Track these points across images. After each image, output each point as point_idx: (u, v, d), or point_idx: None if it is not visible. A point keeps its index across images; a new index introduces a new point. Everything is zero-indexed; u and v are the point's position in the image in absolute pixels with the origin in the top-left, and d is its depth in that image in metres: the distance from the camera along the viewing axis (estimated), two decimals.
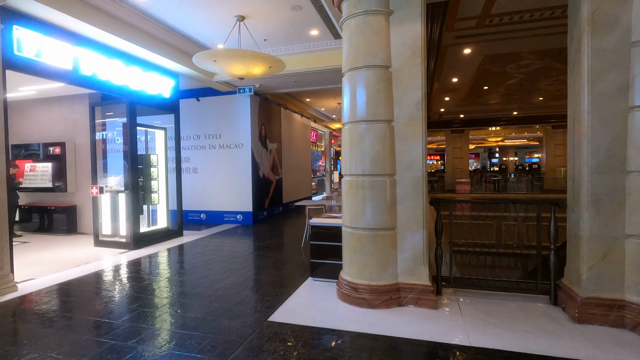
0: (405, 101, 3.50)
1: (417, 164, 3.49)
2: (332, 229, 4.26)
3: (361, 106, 3.55)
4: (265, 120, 9.83)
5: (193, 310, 3.50)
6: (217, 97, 9.11)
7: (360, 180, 3.57)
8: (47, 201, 8.08)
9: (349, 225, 3.67)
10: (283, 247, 6.42)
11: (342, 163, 3.89)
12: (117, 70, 5.78)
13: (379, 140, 3.50)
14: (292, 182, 11.82)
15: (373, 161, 3.51)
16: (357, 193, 3.58)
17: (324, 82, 8.29)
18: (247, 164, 8.97)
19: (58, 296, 3.96)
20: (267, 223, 9.10)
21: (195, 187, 9.34)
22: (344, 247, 3.78)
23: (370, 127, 3.52)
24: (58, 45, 4.85)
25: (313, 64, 7.09)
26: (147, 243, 6.52)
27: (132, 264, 5.26)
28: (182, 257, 5.77)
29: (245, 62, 5.17)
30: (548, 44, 6.93)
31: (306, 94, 11.35)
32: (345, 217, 3.74)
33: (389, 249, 3.53)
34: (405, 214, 3.54)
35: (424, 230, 3.50)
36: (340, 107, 13.32)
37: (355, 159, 3.60)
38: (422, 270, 3.50)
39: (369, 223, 3.52)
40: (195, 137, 9.37)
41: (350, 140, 3.65)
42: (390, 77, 3.53)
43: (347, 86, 3.70)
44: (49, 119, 7.98)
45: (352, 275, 3.63)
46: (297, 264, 5.17)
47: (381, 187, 3.50)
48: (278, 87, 8.85)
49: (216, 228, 8.42)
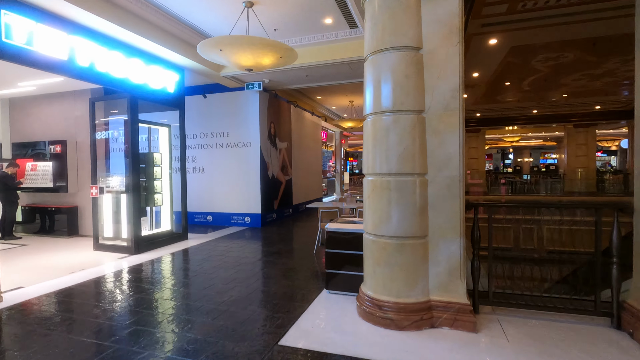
0: (438, 88, 3.01)
1: (453, 161, 2.99)
2: (350, 236, 3.77)
3: (387, 95, 3.06)
4: (275, 118, 9.40)
5: (193, 329, 3.05)
6: (224, 93, 8.71)
7: (385, 181, 3.08)
8: (49, 202, 7.76)
9: (372, 233, 3.19)
10: (293, 252, 5.96)
11: (364, 161, 3.41)
12: (117, 62, 5.39)
13: (408, 134, 3.01)
14: (303, 183, 11.37)
15: (400, 158, 3.01)
16: (381, 195, 3.10)
17: (337, 77, 7.81)
18: (255, 164, 8.54)
19: (45, 309, 3.55)
20: (276, 226, 8.65)
21: (201, 188, 8.94)
22: (366, 257, 3.30)
23: (397, 119, 3.03)
24: (52, 34, 4.47)
25: (326, 56, 6.62)
26: (150, 247, 6.12)
27: (132, 271, 4.85)
28: (186, 263, 5.34)
29: (254, 51, 4.72)
30: (583, 32, 6.34)
31: (317, 91, 10.90)
32: (367, 223, 3.26)
33: (419, 260, 3.03)
34: (438, 219, 3.03)
35: (460, 239, 3.00)
36: (352, 105, 12.83)
37: (379, 156, 3.12)
38: (459, 285, 3.00)
39: (396, 230, 3.03)
40: (202, 135, 8.97)
41: (374, 135, 3.17)
42: (421, 61, 3.03)
43: (369, 72, 3.21)
44: (51, 116, 7.66)
45: (375, 290, 3.14)
46: (309, 273, 4.70)
47: (410, 188, 3.01)
48: (288, 83, 8.40)
49: (223, 231, 8.00)
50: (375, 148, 3.15)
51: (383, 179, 3.09)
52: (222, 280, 4.40)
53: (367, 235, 3.27)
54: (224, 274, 4.64)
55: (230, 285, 4.22)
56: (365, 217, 3.30)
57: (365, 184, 3.31)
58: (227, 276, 4.55)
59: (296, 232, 7.92)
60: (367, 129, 3.27)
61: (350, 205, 6.69)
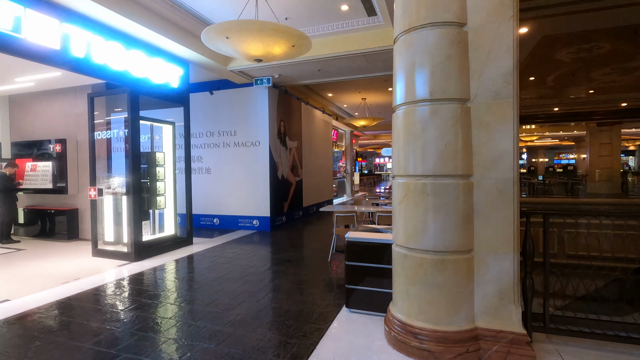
0: (487, 72, 2.49)
1: (505, 160, 2.47)
2: (375, 247, 3.27)
3: (423, 81, 2.56)
4: (285, 116, 8.93)
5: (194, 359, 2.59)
6: (232, 90, 8.27)
7: (421, 184, 2.57)
8: (49, 203, 7.41)
9: (404, 245, 2.68)
10: (306, 261, 5.47)
11: (393, 160, 2.91)
12: (115, 54, 4.97)
13: (450, 128, 2.50)
14: (313, 184, 10.88)
15: (441, 157, 2.50)
16: (416, 201, 2.59)
17: (351, 71, 7.31)
18: (264, 164, 8.08)
19: (26, 327, 3.12)
20: (286, 230, 8.18)
21: (208, 190, 8.51)
22: (396, 274, 2.79)
23: (436, 110, 2.52)
24: (42, 20, 4.06)
25: (341, 47, 6.13)
26: (151, 253, 5.69)
27: (130, 282, 4.42)
28: (189, 272, 4.89)
29: (264, 39, 4.25)
30: (626, 19, 5.73)
31: (328, 88, 10.41)
32: (398, 234, 2.75)
33: (463, 279, 2.52)
34: (486, 230, 2.52)
35: (514, 254, 2.47)
36: (364, 103, 12.31)
37: (414, 155, 2.61)
38: (512, 311, 2.47)
39: (435, 243, 2.52)
40: (209, 134, 8.55)
41: (407, 129, 2.67)
42: (466, 39, 2.52)
43: (401, 55, 2.71)
44: (50, 113, 7.31)
45: (408, 314, 2.63)
46: (325, 286, 4.20)
47: (452, 192, 2.50)
48: (299, 78, 7.92)
49: (230, 235, 7.56)
50: (408, 145, 2.65)
51: (418, 182, 2.59)
52: (229, 294, 3.93)
53: (398, 248, 2.77)
54: (231, 287, 4.17)
55: (238, 300, 3.75)
56: (396, 227, 2.80)
57: (395, 188, 2.81)
58: (234, 289, 4.09)
59: (307, 237, 7.43)
60: (398, 123, 2.77)
61: (367, 208, 6.18)
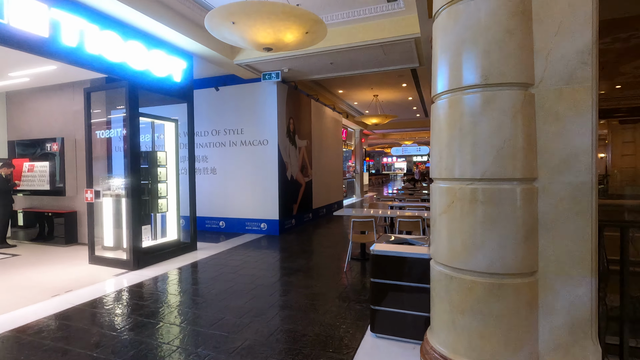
0: (557, 50, 1.99)
1: (580, 160, 1.97)
2: (407, 262, 2.79)
3: (474, 62, 2.07)
4: (294, 113, 8.47)
5: None
6: (238, 85, 7.83)
7: (470, 190, 2.08)
8: (46, 206, 7.04)
9: (449, 265, 2.19)
10: (319, 270, 5.00)
11: (432, 160, 2.43)
12: (112, 44, 4.55)
13: (509, 120, 2.00)
14: (323, 184, 10.42)
15: (497, 157, 2.01)
16: (465, 211, 2.10)
17: (366, 64, 6.82)
18: (273, 164, 7.63)
19: None
20: (295, 234, 7.72)
21: (213, 191, 8.09)
22: (438, 299, 2.31)
23: (492, 98, 2.03)
24: (28, 4, 3.65)
25: (357, 37, 5.64)
26: (152, 261, 5.27)
27: (126, 295, 3.99)
28: (192, 284, 4.45)
29: (274, 24, 3.79)
30: None
31: (339, 84, 9.93)
32: (441, 250, 2.27)
33: (525, 309, 2.02)
34: (554, 247, 2.02)
35: (592, 278, 1.97)
36: (376, 100, 11.81)
37: (461, 154, 2.12)
38: (589, 348, 1.97)
39: (490, 264, 2.03)
40: (214, 132, 8.12)
41: (451, 123, 2.18)
42: (529, 9, 2.03)
43: (444, 32, 2.22)
44: (48, 111, 6.94)
45: (455, 350, 2.14)
46: (344, 302, 3.73)
47: (511, 200, 2.01)
48: (310, 72, 7.45)
49: (237, 239, 7.12)
50: (453, 142, 2.16)
51: (468, 188, 2.10)
52: (235, 312, 3.47)
53: (440, 267, 2.28)
54: (237, 302, 3.72)
55: (245, 319, 3.29)
56: (437, 241, 2.31)
57: (436, 195, 2.32)
58: (241, 305, 3.63)
59: (319, 242, 6.96)
60: (439, 115, 2.28)
61: (384, 212, 5.70)
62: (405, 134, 22.54)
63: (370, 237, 5.03)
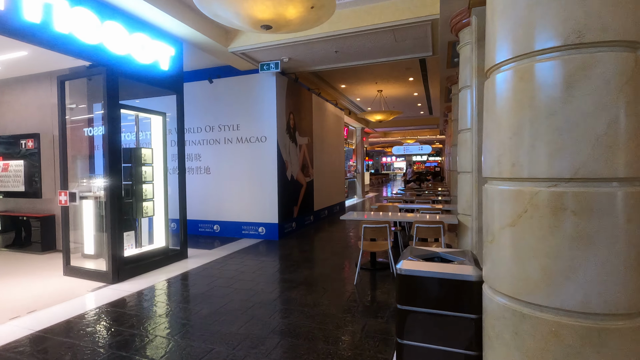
0: None
1: None
2: (446, 284, 2.18)
3: (559, 13, 1.46)
4: (295, 108, 7.86)
5: None
6: (234, 77, 7.22)
7: (554, 194, 1.47)
8: (24, 209, 6.41)
9: (519, 298, 1.58)
10: (326, 283, 4.38)
11: (486, 152, 1.83)
12: (86, 23, 3.93)
13: (617, 94, 1.40)
14: (325, 185, 9.81)
15: (597, 147, 1.40)
16: (544, 223, 1.49)
17: (374, 53, 6.21)
18: (272, 163, 7.01)
19: None
20: (296, 238, 7.11)
21: (207, 192, 7.47)
22: (498, 342, 1.70)
23: (588, 63, 1.42)
24: None
25: (366, 20, 5.03)
26: (136, 272, 4.65)
27: (100, 317, 3.36)
28: (179, 302, 3.83)
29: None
30: None
31: (342, 78, 9.33)
32: (503, 276, 1.66)
33: None
34: None
35: None
36: (380, 96, 11.21)
37: (535, 144, 1.51)
38: None
39: (586, 299, 1.42)
40: (208, 128, 7.50)
41: (521, 100, 1.57)
42: None
43: None
44: (24, 104, 6.30)
45: None
46: (358, 326, 3.12)
47: (618, 209, 1.40)
48: (312, 63, 6.84)
49: (232, 245, 6.51)
50: (524, 127, 1.55)
51: (549, 191, 1.49)
52: (227, 341, 2.86)
53: (502, 300, 1.67)
54: (231, 327, 3.10)
55: (240, 351, 2.68)
56: (496, 263, 1.71)
57: (495, 200, 1.71)
58: (234, 332, 3.02)
59: (322, 248, 6.35)
60: (500, 93, 1.68)
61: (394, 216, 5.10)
62: (407, 133, 21.97)
63: (382, 244, 4.43)
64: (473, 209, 4.35)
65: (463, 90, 4.52)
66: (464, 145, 4.53)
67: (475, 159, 4.25)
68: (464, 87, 4.49)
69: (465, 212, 4.50)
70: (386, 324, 3.15)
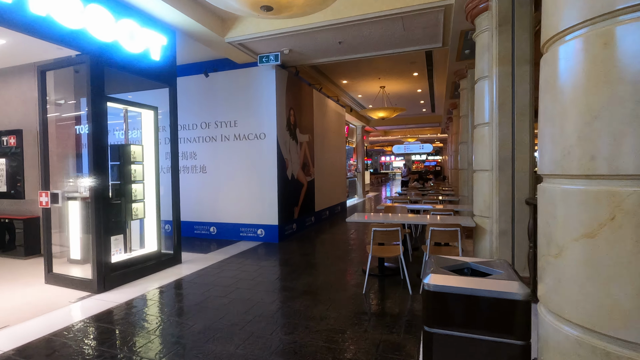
0: None
1: None
2: (485, 304, 1.82)
3: None
4: (295, 104, 7.49)
5: None
6: (232, 71, 6.84)
7: None
8: (7, 210, 6.01)
9: (597, 330, 1.22)
10: (332, 292, 4.01)
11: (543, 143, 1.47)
12: (66, 5, 3.54)
13: None
14: (326, 184, 9.44)
15: None
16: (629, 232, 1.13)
17: (380, 44, 5.85)
18: (271, 161, 6.64)
19: None
20: (297, 241, 6.74)
21: (203, 192, 7.08)
22: None
23: None
24: None
25: (373, 6, 4.67)
26: (124, 279, 4.27)
27: (77, 335, 2.98)
28: (169, 315, 3.45)
29: None
30: None
31: (344, 74, 8.97)
32: (573, 299, 1.30)
33: None
34: None
35: None
36: (383, 92, 10.86)
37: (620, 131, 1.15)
38: None
39: None
40: (204, 125, 7.11)
41: (600, 73, 1.21)
42: None
43: None
44: (5, 98, 5.90)
45: None
46: (372, 346, 2.76)
47: None
48: (315, 55, 6.46)
49: (230, 248, 6.13)
50: (605, 109, 1.19)
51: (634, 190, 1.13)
52: None
53: (571, 331, 1.31)
54: (227, 347, 2.73)
55: None
56: (561, 283, 1.35)
57: (558, 203, 1.35)
58: (232, 352, 2.65)
59: (325, 252, 5.99)
60: (563, 67, 1.32)
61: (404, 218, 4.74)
62: (407, 131, 21.63)
63: (394, 249, 4.07)
64: (492, 210, 3.99)
65: (480, 81, 4.16)
66: (480, 142, 4.18)
67: (496, 155, 3.89)
68: (481, 78, 4.13)
69: (482, 213, 4.15)
70: (403, 340, 2.79)
